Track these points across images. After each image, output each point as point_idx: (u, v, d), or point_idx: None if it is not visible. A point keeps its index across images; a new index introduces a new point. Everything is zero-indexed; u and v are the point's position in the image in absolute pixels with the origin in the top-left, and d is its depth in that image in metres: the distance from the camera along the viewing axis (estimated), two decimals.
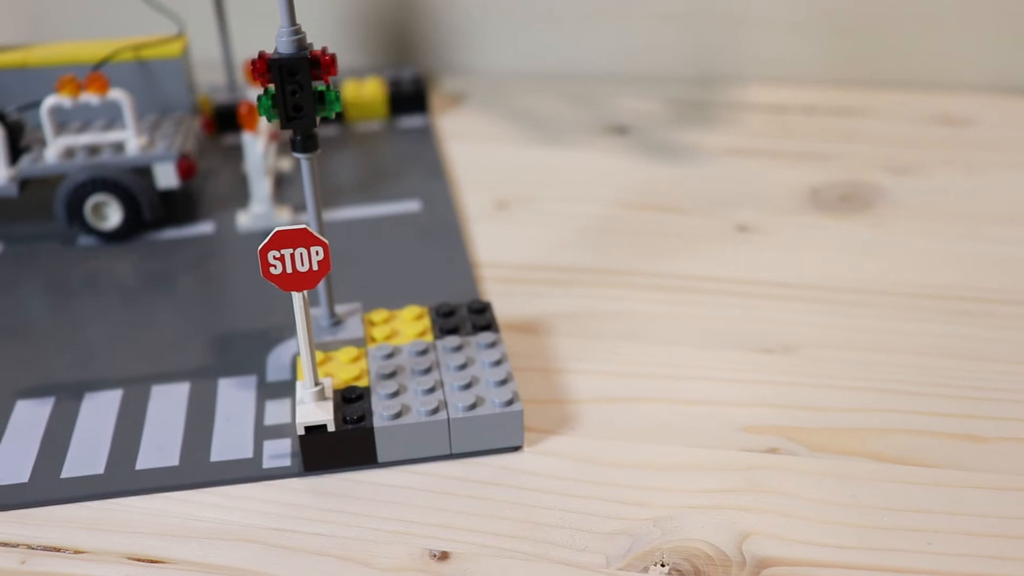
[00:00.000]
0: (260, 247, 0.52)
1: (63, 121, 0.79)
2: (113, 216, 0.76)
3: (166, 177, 0.76)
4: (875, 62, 0.97)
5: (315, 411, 0.56)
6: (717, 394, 0.61)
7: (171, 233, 0.78)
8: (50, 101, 0.74)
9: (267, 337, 0.66)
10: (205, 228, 0.79)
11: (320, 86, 0.56)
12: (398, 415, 0.56)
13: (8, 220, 0.80)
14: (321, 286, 0.61)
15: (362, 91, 0.93)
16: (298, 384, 0.57)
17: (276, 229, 0.52)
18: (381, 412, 0.56)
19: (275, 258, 0.53)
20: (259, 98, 0.56)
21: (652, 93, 0.98)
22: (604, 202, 0.81)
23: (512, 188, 0.83)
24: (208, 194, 0.83)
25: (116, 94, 0.74)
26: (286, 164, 0.85)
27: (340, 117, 0.93)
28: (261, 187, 0.76)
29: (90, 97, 0.74)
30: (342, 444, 0.56)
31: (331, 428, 0.55)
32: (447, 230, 0.77)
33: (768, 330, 0.66)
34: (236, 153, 0.88)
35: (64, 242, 0.78)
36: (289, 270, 0.53)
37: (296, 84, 0.55)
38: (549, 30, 1.01)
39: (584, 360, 0.64)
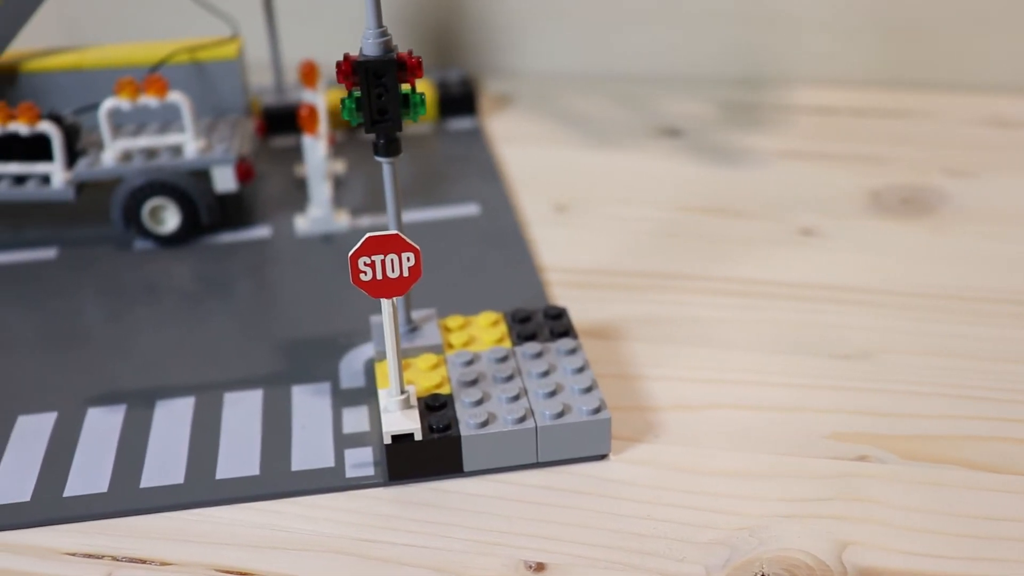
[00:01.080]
0: (351, 253, 0.51)
1: (118, 124, 0.78)
2: (170, 220, 0.75)
3: (224, 180, 0.75)
4: (923, 63, 0.97)
5: (402, 420, 0.55)
6: (799, 400, 0.60)
7: (227, 237, 0.77)
8: (108, 104, 0.73)
9: (336, 343, 0.66)
10: (262, 232, 0.78)
11: (405, 89, 0.55)
12: (485, 423, 0.55)
13: (61, 224, 0.79)
14: None
15: None
16: (381, 392, 0.56)
17: (367, 235, 0.51)
18: (468, 420, 0.55)
19: (365, 264, 0.52)
20: (343, 101, 0.55)
21: (700, 95, 0.98)
22: (663, 205, 0.80)
23: (569, 191, 0.83)
24: (261, 197, 0.82)
25: (174, 96, 0.73)
26: (338, 167, 0.85)
27: None
28: (321, 191, 0.75)
29: (149, 100, 0.73)
30: (428, 453, 0.55)
31: (418, 437, 0.55)
32: (508, 234, 0.76)
33: (841, 335, 0.65)
34: (285, 156, 0.87)
35: (119, 246, 0.77)
36: (379, 276, 0.52)
37: (382, 87, 0.54)
38: (593, 31, 1.00)
39: (660, 366, 0.63)
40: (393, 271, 0.52)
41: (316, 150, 0.74)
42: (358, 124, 0.55)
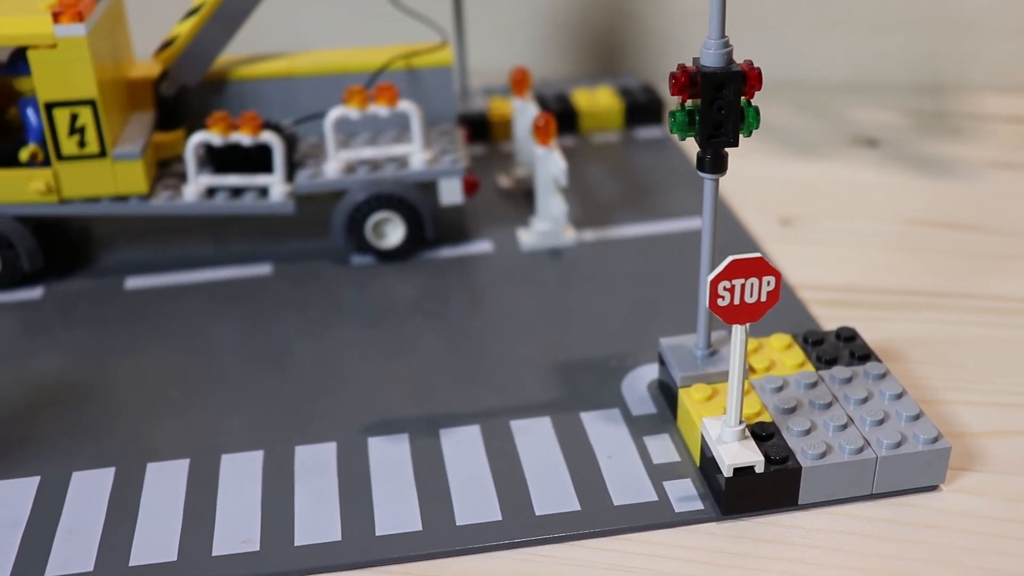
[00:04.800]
0: (711, 277, 0.48)
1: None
2: (393, 234, 0.72)
3: (451, 193, 0.72)
4: None
5: (742, 451, 0.52)
6: None
7: (448, 252, 0.74)
8: (336, 112, 0.70)
9: (606, 365, 0.62)
10: (483, 246, 0.74)
11: (742, 102, 0.52)
12: (823, 454, 0.53)
13: (268, 237, 0.76)
14: (702, 313, 0.57)
15: (596, 101, 0.89)
16: (709, 421, 0.53)
17: (731, 258, 0.48)
18: (805, 451, 0.52)
19: (725, 289, 0.49)
20: (673, 114, 0.52)
21: (885, 102, 0.95)
22: (889, 219, 0.77)
23: (786, 204, 0.80)
24: (470, 209, 0.78)
25: (404, 105, 0.70)
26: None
27: (575, 127, 0.89)
28: (551, 204, 0.72)
29: (378, 108, 0.70)
30: (764, 485, 0.52)
31: (759, 469, 0.52)
32: (743, 250, 0.72)
33: None
34: (475, 165, 0.84)
35: (336, 261, 0.73)
36: (736, 301, 0.49)
37: (722, 100, 0.51)
38: (769, 38, 0.97)
39: (959, 390, 0.60)
40: (751, 296, 0.49)
41: (550, 161, 0.71)
42: (687, 139, 0.53)
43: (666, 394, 0.60)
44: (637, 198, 0.80)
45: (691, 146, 0.88)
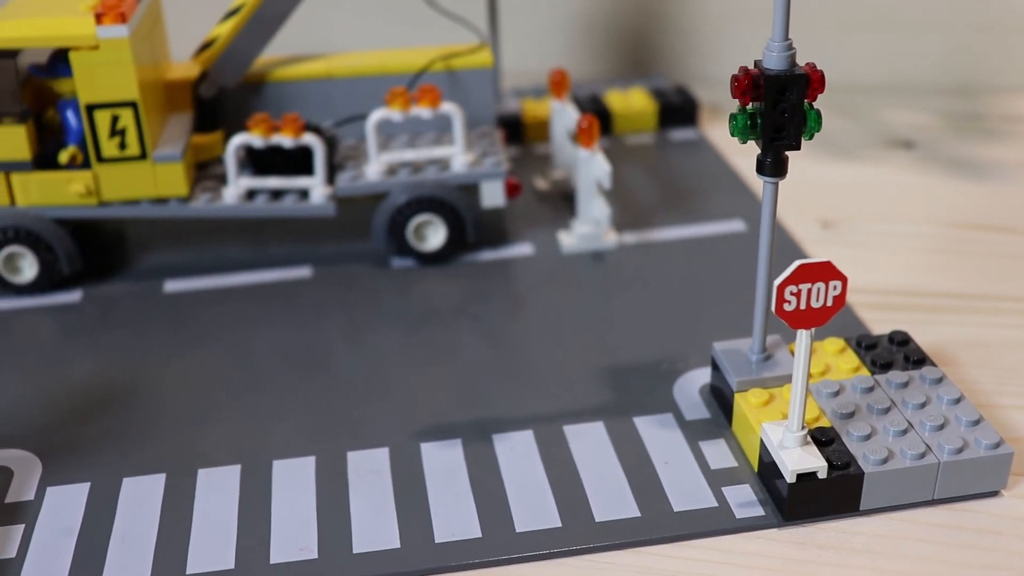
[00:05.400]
0: (778, 282, 0.48)
1: (363, 136, 0.74)
2: (434, 237, 0.71)
3: (493, 196, 0.71)
4: None
5: (805, 457, 0.51)
6: None
7: (488, 254, 0.73)
8: (378, 114, 0.69)
9: (656, 369, 0.62)
10: (523, 249, 0.74)
11: (804, 105, 0.52)
12: (885, 460, 0.52)
13: (312, 240, 0.75)
14: (758, 317, 0.57)
15: (629, 103, 0.89)
16: (770, 426, 0.53)
17: (799, 263, 0.48)
18: (867, 456, 0.52)
19: (791, 294, 0.49)
20: (734, 117, 0.51)
21: (918, 104, 0.95)
22: (928, 221, 0.77)
23: (826, 206, 0.79)
24: (509, 212, 0.78)
25: (447, 107, 0.69)
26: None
27: (609, 129, 0.89)
28: (593, 207, 0.72)
29: (421, 110, 0.69)
30: (827, 491, 0.52)
31: (822, 475, 0.51)
32: (789, 253, 0.72)
33: None
34: (512, 167, 0.83)
35: (376, 264, 0.72)
36: (803, 306, 0.49)
37: (786, 103, 0.51)
38: (800, 39, 0.96)
39: (1012, 394, 0.60)
40: (817, 300, 0.49)
41: (593, 164, 0.71)
42: (747, 142, 0.52)
43: (719, 398, 0.60)
44: (676, 200, 0.80)
45: (727, 148, 0.88)
